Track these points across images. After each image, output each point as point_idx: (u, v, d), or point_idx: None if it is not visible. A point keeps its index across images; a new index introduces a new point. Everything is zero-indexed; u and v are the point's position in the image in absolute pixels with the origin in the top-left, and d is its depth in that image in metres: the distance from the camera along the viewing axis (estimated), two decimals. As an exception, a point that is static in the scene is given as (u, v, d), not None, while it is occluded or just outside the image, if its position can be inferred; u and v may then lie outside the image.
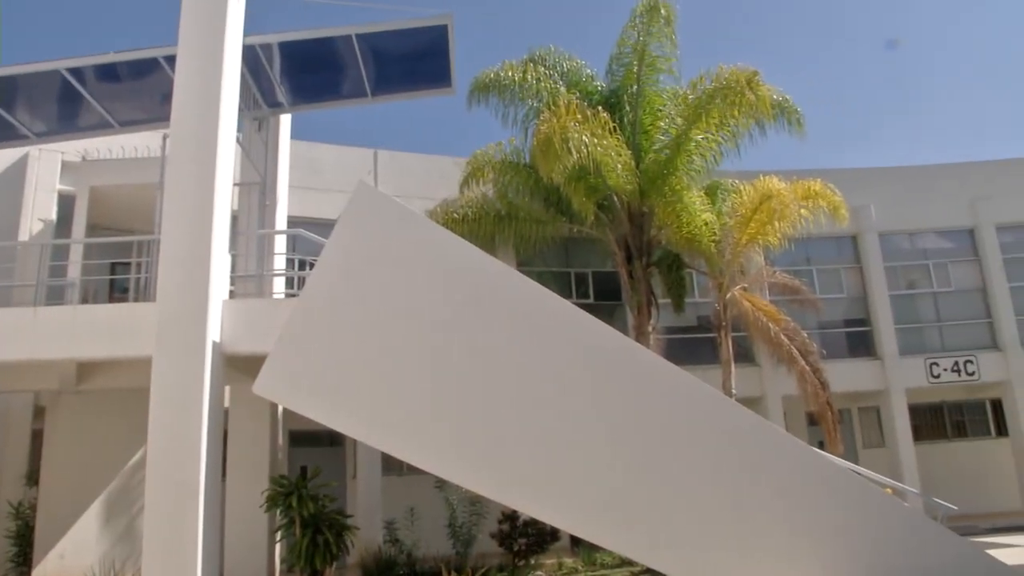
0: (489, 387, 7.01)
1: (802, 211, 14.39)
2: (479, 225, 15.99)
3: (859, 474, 8.63)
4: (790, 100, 15.16)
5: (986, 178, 20.51)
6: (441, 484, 12.79)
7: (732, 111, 14.16)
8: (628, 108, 15.76)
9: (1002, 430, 20.34)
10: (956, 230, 20.44)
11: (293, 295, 12.22)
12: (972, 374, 19.16)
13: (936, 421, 21.46)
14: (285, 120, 14.33)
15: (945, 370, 19.19)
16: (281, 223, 13.70)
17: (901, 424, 18.77)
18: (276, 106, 13.61)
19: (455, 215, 16.02)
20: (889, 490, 9.95)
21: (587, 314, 7.31)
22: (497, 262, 7.48)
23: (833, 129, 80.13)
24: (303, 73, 13.28)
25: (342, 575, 13.12)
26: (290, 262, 14.16)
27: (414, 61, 13.27)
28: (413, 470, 15.52)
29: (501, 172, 16.08)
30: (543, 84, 15.50)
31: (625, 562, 13.28)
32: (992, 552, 13.91)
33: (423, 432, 6.89)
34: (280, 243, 13.45)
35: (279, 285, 13.06)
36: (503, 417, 6.94)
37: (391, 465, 15.69)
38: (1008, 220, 20.16)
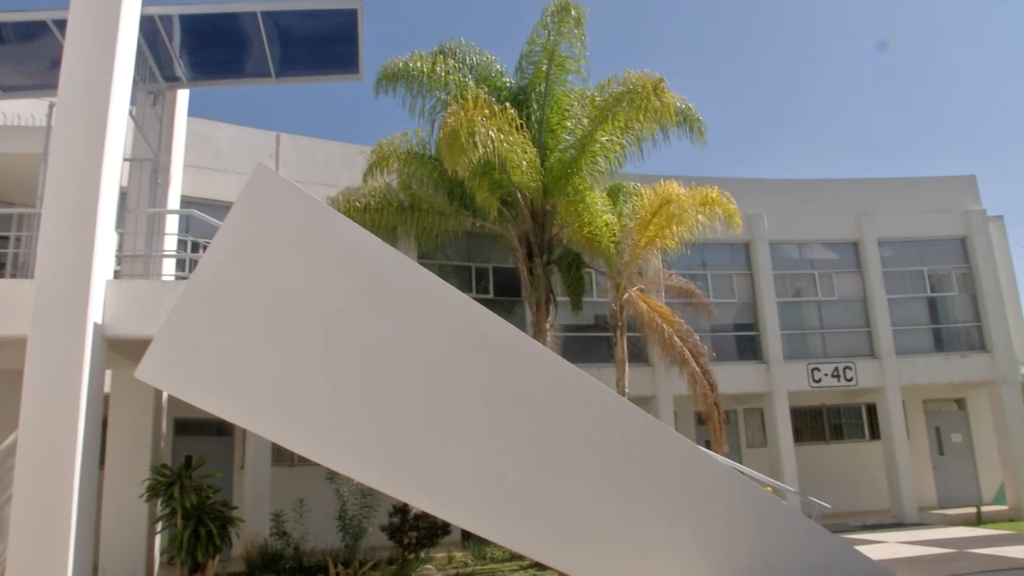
0: (382, 378, 6.93)
1: (699, 217, 14.81)
2: (381, 215, 15.80)
3: (741, 473, 8.95)
4: (693, 109, 15.58)
5: (870, 195, 21.60)
6: (332, 476, 12.63)
7: (637, 115, 14.41)
8: (536, 106, 15.87)
9: (875, 433, 21.53)
10: (841, 243, 21.43)
11: (184, 278, 11.78)
12: (850, 380, 20.17)
13: (816, 423, 22.54)
14: (183, 96, 13.76)
15: (826, 375, 20.13)
16: (174, 203, 13.18)
17: (783, 426, 19.60)
18: (173, 80, 13.05)
19: (357, 204, 15.79)
20: (769, 488, 10.32)
21: (485, 309, 7.32)
22: (397, 253, 7.39)
23: (734, 137, 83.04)
24: (204, 48, 12.77)
25: (225, 568, 12.76)
26: (182, 243, 13.64)
27: (322, 44, 12.96)
28: (304, 461, 15.28)
29: (406, 163, 15.94)
30: (452, 77, 15.45)
31: (515, 556, 13.44)
32: (860, 548, 14.74)
33: (313, 422, 6.75)
34: (172, 223, 12.93)
35: (169, 267, 12.56)
36: (395, 409, 6.87)
37: (281, 456, 15.38)
38: (889, 235, 21.30)
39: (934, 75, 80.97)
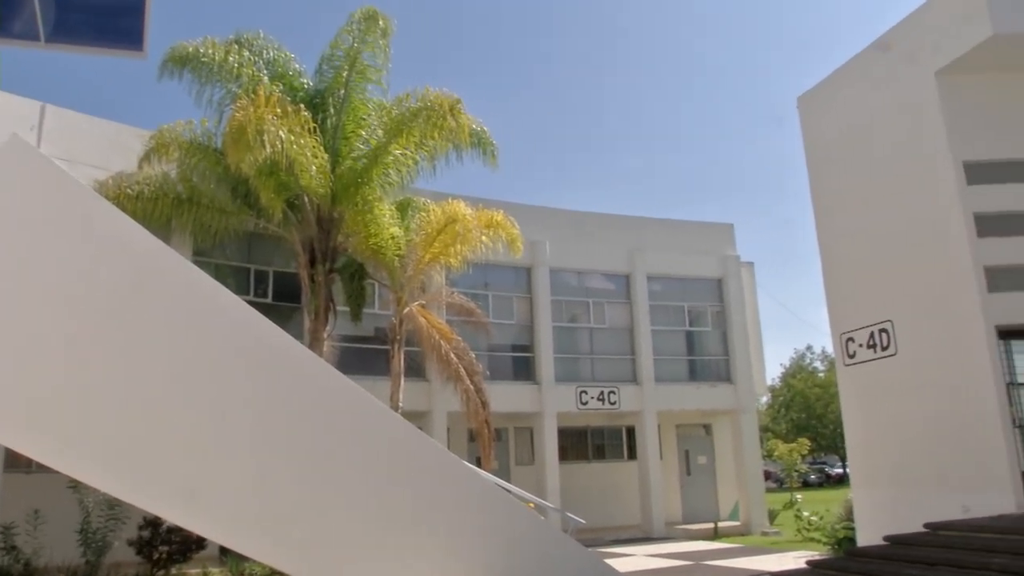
0: (139, 382, 6.44)
1: (483, 238, 15.17)
2: (155, 206, 14.79)
3: (505, 489, 9.24)
4: (487, 132, 15.95)
5: (643, 232, 23.18)
6: (75, 485, 11.58)
7: (433, 132, 14.57)
8: (333, 111, 15.59)
9: (633, 454, 22.97)
10: (615, 274, 22.79)
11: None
12: (614, 403, 21.44)
13: (581, 443, 23.75)
14: (-74, 51, 12.20)
15: (592, 398, 21.27)
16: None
17: (550, 445, 20.44)
18: (-85, 32, 11.54)
19: (129, 191, 14.67)
20: (531, 504, 10.71)
21: (258, 314, 7.04)
22: (166, 247, 6.92)
23: (527, 165, 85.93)
24: (-43, 0, 11.42)
25: (-67, 587, 11.35)
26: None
27: (103, 13, 11.91)
28: (43, 468, 13.87)
29: (188, 153, 15.05)
30: (246, 70, 14.82)
31: (275, 573, 12.96)
32: (610, 560, 15.62)
33: (54, 424, 6.14)
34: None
35: None
36: (151, 415, 6.41)
37: (17, 462, 13.87)
38: (657, 271, 22.94)
39: (709, 128, 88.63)
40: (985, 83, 11.78)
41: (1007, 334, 11.89)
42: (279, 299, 17.01)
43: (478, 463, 15.22)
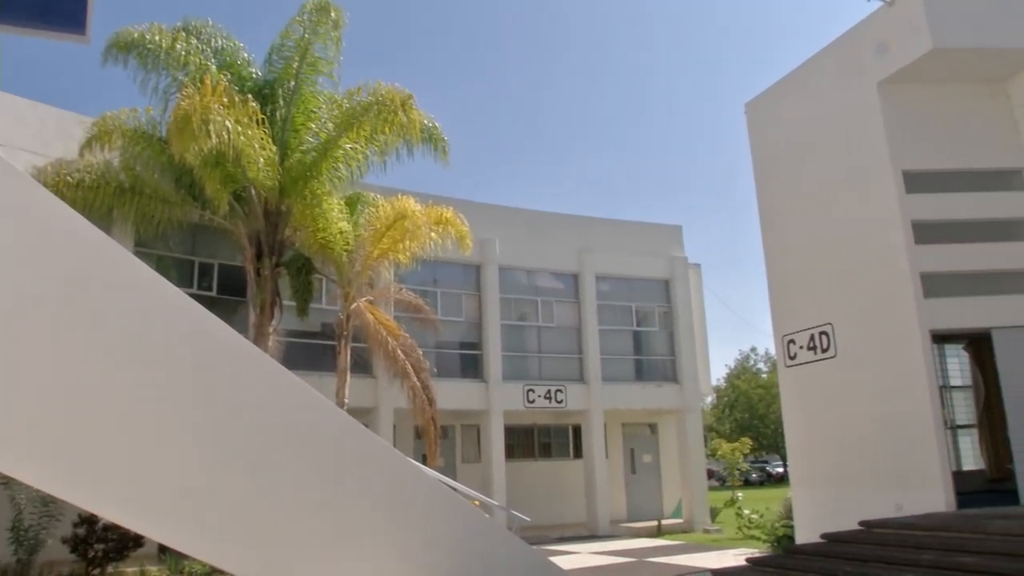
0: (74, 374, 6.23)
1: (432, 235, 15.12)
2: (97, 194, 14.38)
3: (450, 487, 9.22)
4: (439, 128, 15.89)
5: (592, 232, 23.35)
6: (6, 481, 11.22)
7: (384, 127, 14.46)
8: (282, 103, 15.35)
9: (579, 453, 23.12)
10: (564, 273, 22.92)
11: None
12: (560, 402, 21.56)
13: (527, 441, 23.82)
14: None
15: (539, 396, 21.35)
16: None
17: (496, 443, 20.47)
18: None
19: (69, 179, 14.24)
20: (476, 502, 10.70)
21: (201, 307, 6.88)
22: (107, 238, 6.77)
23: (478, 162, 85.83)
24: None
25: None
26: None
27: (45, -5, 11.64)
28: (-30, 462, 13.38)
29: (132, 141, 14.70)
30: (193, 58, 14.50)
31: (215, 571, 12.73)
32: (555, 558, 15.65)
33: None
34: None
35: None
36: (86, 409, 6.23)
37: (-58, 455, 13.38)
38: (605, 272, 23.13)
39: (660, 129, 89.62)
40: (925, 94, 12.14)
41: (941, 338, 12.29)
42: (224, 292, 16.69)
43: (424, 460, 15.16)
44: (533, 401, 21.21)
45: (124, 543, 12.15)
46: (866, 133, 12.31)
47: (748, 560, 11.30)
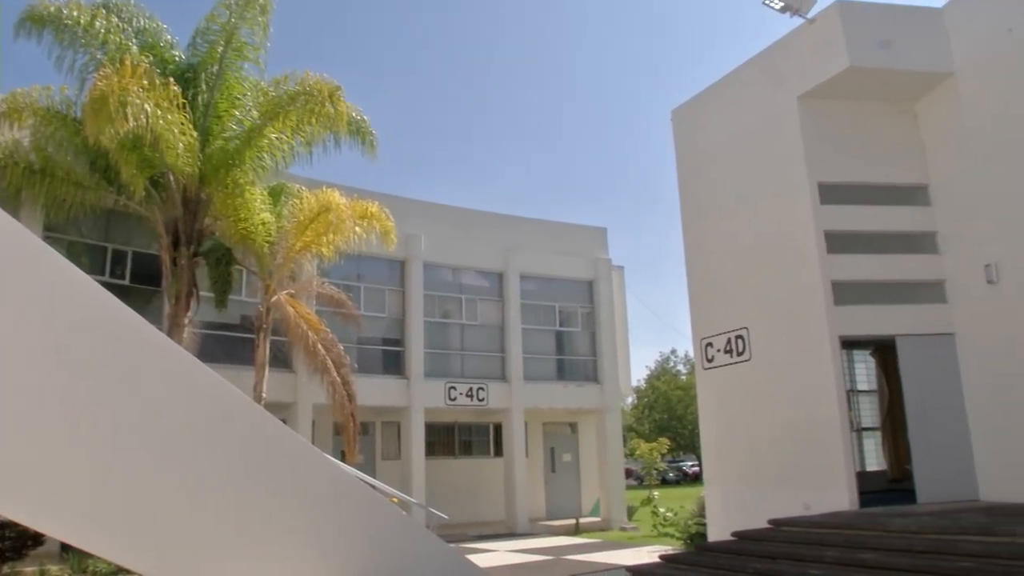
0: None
1: (357, 229, 14.93)
2: (4, 175, 13.76)
3: (367, 483, 9.12)
4: (367, 122, 15.68)
5: (518, 231, 23.47)
6: None
7: (310, 118, 14.20)
8: (205, 88, 14.90)
9: (499, 451, 23.19)
10: (489, 272, 22.96)
11: None
12: (482, 400, 21.60)
13: (448, 439, 23.80)
14: None
15: (461, 394, 21.35)
16: None
17: (417, 440, 20.37)
18: None
19: (-27, 157, 13.60)
20: (395, 500, 10.63)
21: (109, 294, 6.65)
22: (12, 221, 6.47)
23: (408, 155, 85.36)
24: None
25: None
26: None
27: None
28: None
29: (44, 121, 14.05)
30: (113, 37, 13.95)
31: (121, 570, 12.29)
32: (473, 556, 15.65)
33: None
34: None
35: None
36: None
37: None
38: (530, 271, 23.28)
39: (589, 132, 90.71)
40: (842, 110, 12.58)
41: (849, 344, 12.78)
42: (137, 281, 16.10)
43: (343, 457, 14.97)
44: (455, 399, 21.19)
45: (23, 541, 11.67)
46: (785, 144, 12.69)
47: (662, 557, 11.53)
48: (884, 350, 13.12)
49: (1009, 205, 10.78)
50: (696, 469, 47.46)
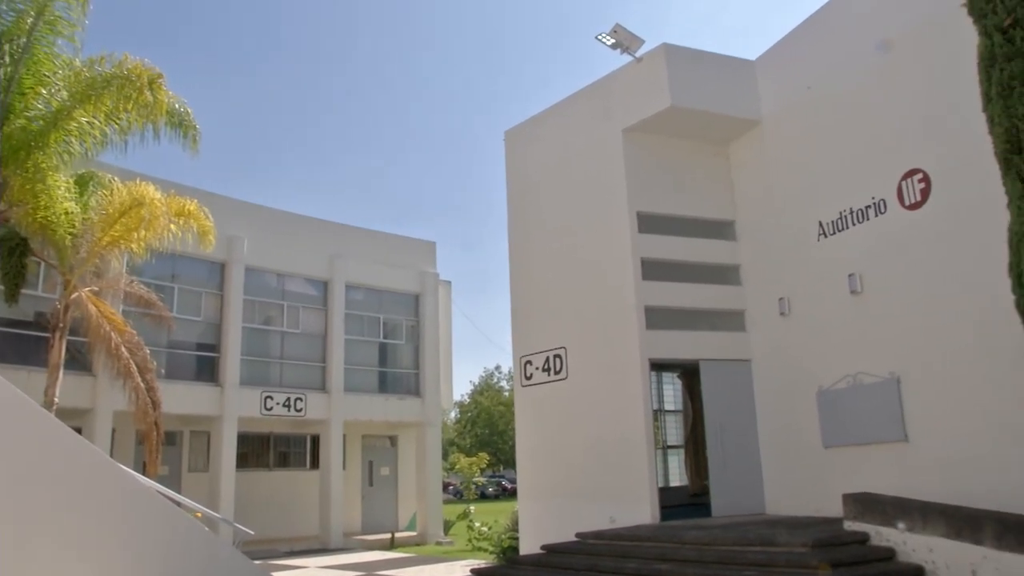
0: None
1: (172, 227, 14.12)
2: None
3: (166, 496, 8.62)
4: (191, 114, 14.86)
5: (346, 239, 23.13)
6: None
7: (127, 104, 13.29)
8: (8, 60, 13.61)
9: (316, 463, 22.57)
10: (314, 279, 22.44)
11: None
12: (300, 411, 21.00)
13: (263, 450, 22.90)
14: None
15: (278, 404, 20.66)
16: None
17: (228, 451, 19.47)
18: None
19: None
20: (199, 515, 10.11)
21: None
22: None
23: (239, 155, 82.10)
24: None
25: None
26: None
27: None
28: None
29: None
30: None
31: None
32: (281, 573, 15.15)
33: None
34: None
35: None
36: None
37: None
38: (356, 280, 22.98)
39: (426, 148, 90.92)
40: (663, 145, 13.33)
41: (659, 367, 13.49)
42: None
43: (143, 468, 14.06)
44: (271, 408, 20.50)
45: None
46: (609, 173, 13.27)
47: (473, 571, 11.64)
48: (690, 373, 13.96)
49: (800, 245, 11.81)
50: (515, 484, 48.44)
